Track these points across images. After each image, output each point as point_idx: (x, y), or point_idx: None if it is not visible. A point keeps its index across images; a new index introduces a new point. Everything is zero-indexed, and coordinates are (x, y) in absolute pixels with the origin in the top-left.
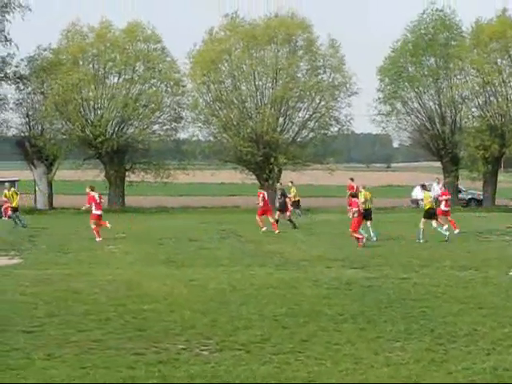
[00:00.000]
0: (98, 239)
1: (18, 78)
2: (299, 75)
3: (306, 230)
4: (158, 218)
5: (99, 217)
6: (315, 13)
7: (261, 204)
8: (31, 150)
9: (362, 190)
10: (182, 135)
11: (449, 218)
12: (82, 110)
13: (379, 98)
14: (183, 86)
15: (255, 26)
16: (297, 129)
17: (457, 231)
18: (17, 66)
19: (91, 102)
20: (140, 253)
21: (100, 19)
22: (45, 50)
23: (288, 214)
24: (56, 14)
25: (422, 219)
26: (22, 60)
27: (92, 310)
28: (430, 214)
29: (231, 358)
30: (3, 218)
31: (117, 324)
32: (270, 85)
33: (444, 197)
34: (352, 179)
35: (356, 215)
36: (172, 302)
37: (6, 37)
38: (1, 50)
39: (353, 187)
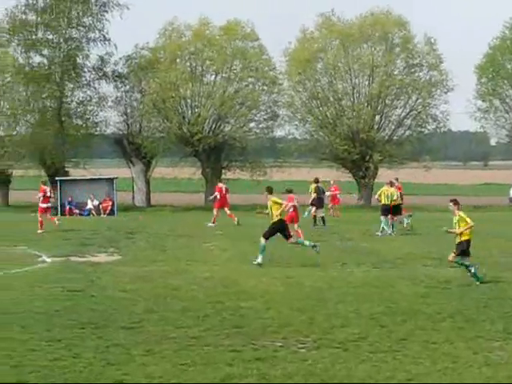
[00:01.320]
0: (39, 231)
1: (117, 76)
2: (396, 73)
3: (401, 229)
4: (253, 215)
5: (45, 210)
6: (411, 10)
7: (218, 197)
8: (129, 147)
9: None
10: (278, 133)
11: None
12: (179, 107)
13: (477, 96)
14: (279, 85)
15: (351, 25)
16: (393, 127)
17: None
18: (115, 65)
19: (188, 100)
20: (236, 250)
21: (198, 17)
22: (142, 48)
23: (321, 210)
24: (154, 13)
25: None
26: (120, 59)
27: (190, 306)
28: None
29: (328, 356)
30: (102, 216)
31: (215, 321)
32: (366, 83)
33: None
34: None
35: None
36: (269, 299)
37: (104, 36)
38: (100, 49)
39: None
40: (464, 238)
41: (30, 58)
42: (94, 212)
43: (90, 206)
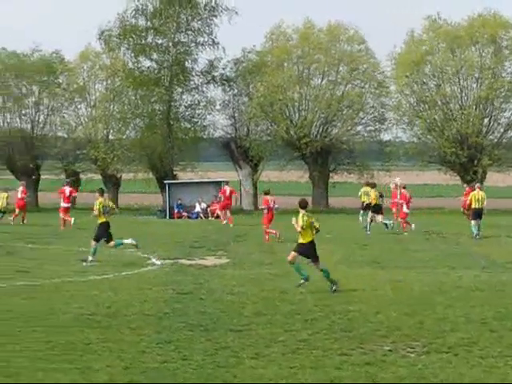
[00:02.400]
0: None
1: (225, 80)
2: (504, 75)
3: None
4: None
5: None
6: None
7: (222, 199)
8: (237, 151)
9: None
10: (386, 136)
11: None
12: (286, 111)
13: None
14: (386, 88)
15: (458, 27)
16: (502, 130)
17: None
18: (223, 69)
19: (296, 103)
20: (345, 253)
21: (303, 20)
22: (250, 52)
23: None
24: (260, 16)
25: None
26: (228, 62)
27: (298, 309)
28: None
29: (438, 361)
30: (210, 219)
31: (323, 324)
32: (474, 85)
33: None
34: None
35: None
36: (377, 303)
37: (213, 40)
38: (208, 53)
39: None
40: None
41: (140, 62)
42: (202, 215)
43: (198, 209)
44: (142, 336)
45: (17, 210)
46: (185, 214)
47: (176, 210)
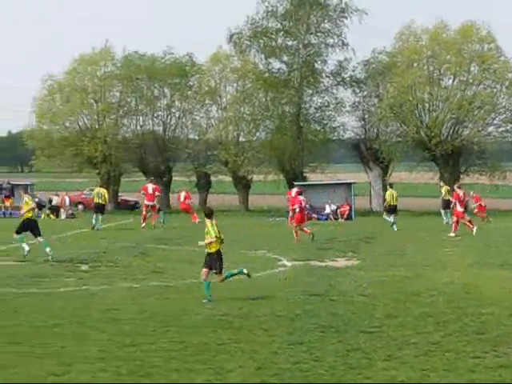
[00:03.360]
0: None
1: (354, 81)
2: None
3: None
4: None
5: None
6: None
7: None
8: (367, 152)
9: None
10: None
11: None
12: (416, 111)
13: None
14: None
15: None
16: None
17: None
18: (353, 70)
19: (426, 104)
20: (476, 256)
21: (435, 20)
22: (380, 53)
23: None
24: (390, 16)
25: None
26: (358, 64)
27: (430, 312)
28: None
29: None
30: (340, 220)
31: (455, 327)
32: None
33: None
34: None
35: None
36: (511, 305)
37: (343, 41)
38: (338, 54)
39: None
40: None
41: (270, 64)
42: (331, 216)
43: (327, 210)
44: (273, 337)
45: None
46: (314, 215)
47: (306, 212)
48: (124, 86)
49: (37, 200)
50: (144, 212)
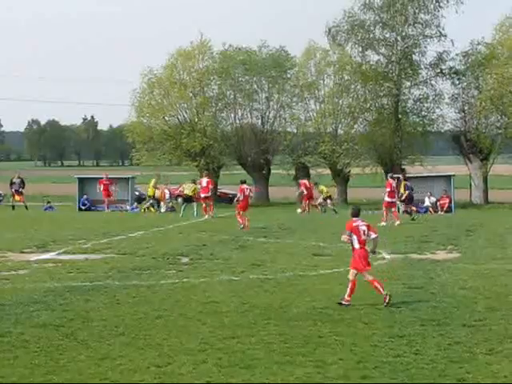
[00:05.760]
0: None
1: (454, 73)
2: None
3: None
4: None
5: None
6: None
7: (241, 199)
8: (466, 144)
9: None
10: None
11: None
12: None
13: None
14: None
15: None
16: None
17: None
18: (452, 62)
19: None
20: None
21: None
22: (479, 44)
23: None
24: (490, 6)
25: None
26: (456, 55)
27: None
28: None
29: None
30: (440, 213)
31: None
32: None
33: None
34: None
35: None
36: None
37: (440, 32)
38: (436, 45)
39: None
40: None
41: (367, 56)
42: (431, 209)
43: (427, 203)
44: (374, 330)
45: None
46: (414, 208)
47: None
48: (222, 80)
49: (137, 193)
50: (204, 205)
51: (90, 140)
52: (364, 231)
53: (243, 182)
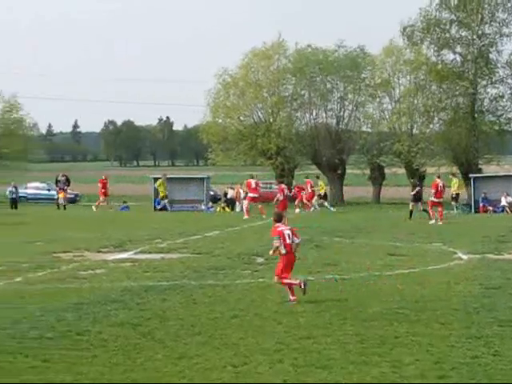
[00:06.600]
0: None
1: None
2: None
3: None
4: None
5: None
6: None
7: (280, 199)
8: None
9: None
10: None
11: None
12: None
13: None
14: None
15: None
16: None
17: None
18: None
19: None
20: None
21: None
22: None
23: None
24: None
25: None
26: None
27: None
28: None
29: None
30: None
31: None
32: None
33: None
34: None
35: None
36: None
37: None
38: None
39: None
40: None
41: (443, 55)
42: (507, 209)
43: (503, 202)
44: (450, 330)
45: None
46: (490, 207)
47: (481, 204)
48: (297, 80)
49: (212, 193)
50: (260, 205)
51: (165, 140)
52: (289, 235)
53: (281, 182)
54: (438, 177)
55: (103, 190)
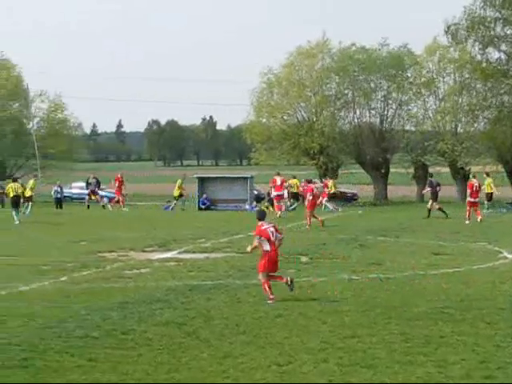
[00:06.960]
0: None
1: None
2: None
3: None
4: None
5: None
6: None
7: (310, 198)
8: None
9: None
10: None
11: None
12: None
13: None
14: None
15: None
16: None
17: None
18: None
19: None
20: None
21: None
22: None
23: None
24: None
25: None
26: None
27: None
28: None
29: None
30: None
31: None
32: None
33: None
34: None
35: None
36: None
37: None
38: None
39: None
40: None
41: (488, 54)
42: None
43: None
44: (496, 330)
45: None
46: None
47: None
48: (340, 79)
49: (256, 192)
50: (276, 203)
51: (208, 140)
52: (273, 232)
53: (310, 182)
54: (474, 177)
55: (119, 188)
